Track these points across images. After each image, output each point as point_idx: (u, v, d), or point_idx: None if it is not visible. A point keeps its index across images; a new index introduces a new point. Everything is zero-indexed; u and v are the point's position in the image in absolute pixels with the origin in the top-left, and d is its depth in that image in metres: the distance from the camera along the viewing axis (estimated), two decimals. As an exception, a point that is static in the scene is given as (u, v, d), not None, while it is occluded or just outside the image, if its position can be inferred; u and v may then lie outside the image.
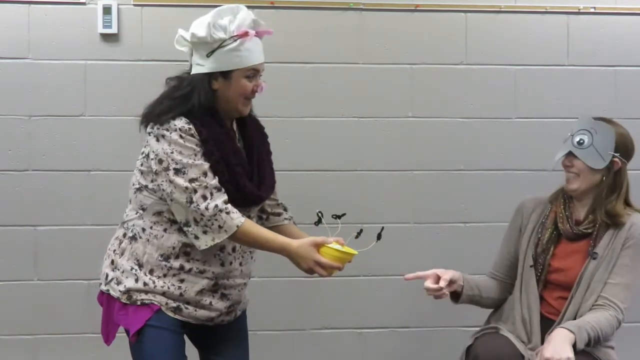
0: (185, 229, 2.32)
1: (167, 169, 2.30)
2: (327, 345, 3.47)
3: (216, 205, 2.27)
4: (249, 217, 2.41)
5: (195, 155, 2.30)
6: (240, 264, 2.46)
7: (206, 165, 2.30)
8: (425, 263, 3.46)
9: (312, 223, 2.42)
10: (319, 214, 2.42)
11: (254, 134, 2.51)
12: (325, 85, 3.41)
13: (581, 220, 2.64)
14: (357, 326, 3.49)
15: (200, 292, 2.39)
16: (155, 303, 2.36)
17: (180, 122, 2.31)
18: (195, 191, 2.27)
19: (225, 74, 2.37)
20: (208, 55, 2.35)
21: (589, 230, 2.61)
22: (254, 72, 2.40)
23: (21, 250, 3.30)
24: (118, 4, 3.27)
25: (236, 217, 2.30)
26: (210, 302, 2.41)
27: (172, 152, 2.29)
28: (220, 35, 2.34)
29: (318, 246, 2.31)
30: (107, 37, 3.29)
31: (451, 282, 2.60)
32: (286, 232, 2.53)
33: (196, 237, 2.31)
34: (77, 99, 3.29)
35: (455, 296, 2.70)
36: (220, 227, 2.28)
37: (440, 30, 3.44)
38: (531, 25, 3.49)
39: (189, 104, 2.33)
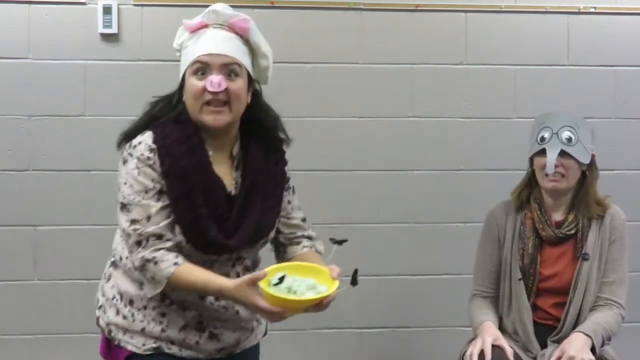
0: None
1: (118, 200, 2.04)
2: (327, 345, 3.47)
3: (143, 256, 1.95)
4: (232, 266, 2.07)
5: (146, 192, 1.98)
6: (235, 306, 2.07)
7: (154, 208, 1.96)
8: (425, 263, 3.49)
9: (311, 223, 2.39)
10: (355, 272, 2.06)
11: (252, 163, 2.08)
12: (325, 85, 3.40)
13: (560, 221, 2.60)
14: (357, 326, 3.49)
15: (185, 328, 2.06)
16: (130, 348, 2.06)
17: (143, 148, 2.00)
18: (130, 236, 1.98)
19: (183, 80, 2.05)
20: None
21: (572, 232, 2.58)
22: (201, 67, 2.00)
23: (21, 250, 3.30)
24: (118, 4, 3.27)
25: (165, 267, 1.94)
26: (197, 342, 2.07)
27: (125, 183, 2.02)
28: (184, 36, 2.08)
29: (255, 284, 1.85)
30: (107, 37, 3.29)
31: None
32: (302, 261, 2.10)
33: (142, 284, 2.03)
34: (77, 99, 3.29)
35: None
36: (152, 278, 1.96)
37: (440, 30, 3.44)
38: (531, 25, 3.49)
39: (159, 120, 2.05)
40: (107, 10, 3.26)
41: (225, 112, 2.00)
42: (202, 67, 2.00)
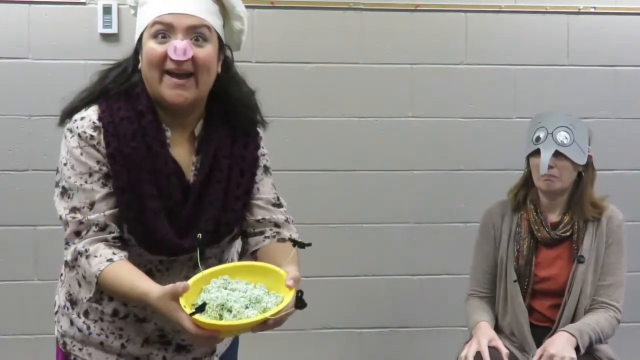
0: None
1: (57, 183, 1.74)
2: (327, 345, 3.47)
3: (75, 249, 1.66)
4: (194, 267, 1.69)
5: (90, 175, 1.67)
6: None
7: (99, 193, 1.67)
8: (425, 263, 3.49)
9: (311, 223, 2.39)
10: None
11: (215, 145, 1.74)
12: (325, 85, 3.40)
13: (556, 222, 2.59)
14: (357, 326, 3.49)
15: (146, 342, 1.79)
16: None
17: (86, 124, 1.69)
18: (68, 224, 1.68)
19: (139, 45, 1.71)
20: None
21: (568, 233, 2.57)
22: (162, 29, 1.65)
23: (21, 250, 3.30)
24: (118, 4, 3.27)
25: (96, 263, 1.62)
26: (164, 357, 1.80)
27: (65, 164, 1.71)
28: None
29: (177, 298, 1.49)
30: (107, 37, 3.29)
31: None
32: (265, 256, 1.75)
33: (79, 284, 1.71)
34: (77, 99, 3.29)
35: None
36: (84, 276, 1.66)
37: (440, 30, 3.44)
38: (531, 25, 3.49)
39: (108, 92, 1.75)
40: (107, 10, 3.26)
41: (190, 87, 1.66)
42: (163, 30, 1.65)
